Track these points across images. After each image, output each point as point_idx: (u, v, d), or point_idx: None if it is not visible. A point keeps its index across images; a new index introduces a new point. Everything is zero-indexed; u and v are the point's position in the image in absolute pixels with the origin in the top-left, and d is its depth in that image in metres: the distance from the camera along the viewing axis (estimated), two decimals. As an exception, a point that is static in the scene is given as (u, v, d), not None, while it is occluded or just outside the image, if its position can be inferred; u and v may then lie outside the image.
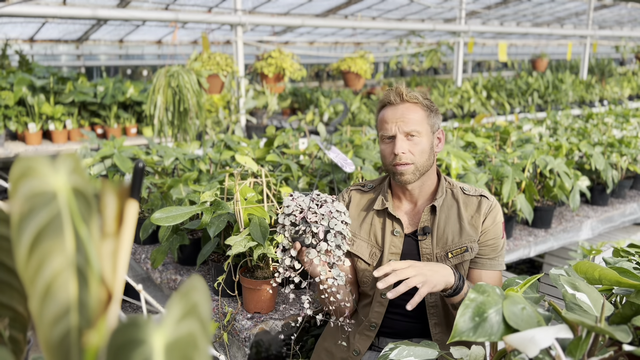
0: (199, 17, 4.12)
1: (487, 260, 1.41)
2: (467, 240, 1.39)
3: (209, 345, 0.33)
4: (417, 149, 1.37)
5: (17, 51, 5.19)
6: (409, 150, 1.36)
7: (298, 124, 4.68)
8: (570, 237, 2.62)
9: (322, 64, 11.01)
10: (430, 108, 1.41)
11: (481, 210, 1.41)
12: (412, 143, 1.37)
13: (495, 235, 1.41)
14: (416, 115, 1.37)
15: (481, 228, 1.40)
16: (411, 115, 1.37)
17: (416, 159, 1.37)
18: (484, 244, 1.41)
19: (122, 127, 4.58)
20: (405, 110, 1.37)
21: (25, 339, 0.44)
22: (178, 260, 1.97)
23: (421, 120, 1.38)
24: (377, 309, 1.43)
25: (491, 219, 1.41)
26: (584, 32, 7.31)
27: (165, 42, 8.53)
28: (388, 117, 1.39)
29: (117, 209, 0.35)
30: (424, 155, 1.38)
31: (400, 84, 1.42)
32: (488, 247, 1.41)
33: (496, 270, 1.42)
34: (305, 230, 1.22)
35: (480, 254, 1.41)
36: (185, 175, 2.14)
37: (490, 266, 1.41)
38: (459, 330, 0.68)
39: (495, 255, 1.42)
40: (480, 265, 1.41)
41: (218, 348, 1.59)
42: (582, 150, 2.94)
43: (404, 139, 1.37)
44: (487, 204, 1.42)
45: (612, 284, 0.81)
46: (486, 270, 1.41)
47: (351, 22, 5.42)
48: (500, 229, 1.43)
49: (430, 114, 1.40)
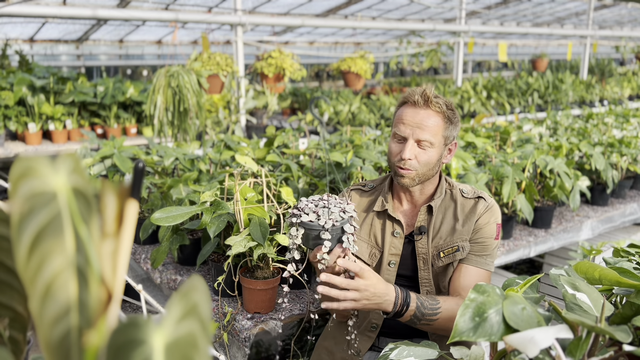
0: (199, 17, 4.12)
1: (474, 256, 1.39)
2: (459, 240, 1.38)
3: (209, 345, 0.33)
4: (423, 158, 1.35)
5: (17, 51, 5.19)
6: (415, 157, 1.35)
7: (298, 124, 4.68)
8: (571, 237, 2.62)
9: (322, 64, 11.01)
10: (451, 119, 1.38)
11: (476, 210, 1.40)
12: (421, 151, 1.35)
13: (487, 235, 1.39)
14: (434, 124, 1.35)
15: (474, 226, 1.39)
16: (429, 123, 1.34)
17: (420, 167, 1.36)
18: (474, 240, 1.39)
19: (122, 127, 4.58)
20: (425, 117, 1.34)
21: (25, 339, 0.44)
22: (178, 260, 1.97)
23: (437, 131, 1.35)
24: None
25: (486, 218, 1.40)
26: (584, 32, 7.31)
27: (165, 42, 8.53)
28: (406, 118, 1.36)
29: (117, 209, 0.35)
30: (429, 166, 1.37)
31: (429, 86, 1.37)
32: (477, 245, 1.39)
33: (482, 269, 1.39)
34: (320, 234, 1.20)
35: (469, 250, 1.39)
36: (185, 175, 2.14)
37: (476, 262, 1.39)
38: (459, 330, 0.68)
39: (484, 254, 1.39)
40: (467, 260, 1.39)
41: (218, 348, 1.59)
42: (582, 150, 2.94)
43: (414, 145, 1.35)
44: (484, 204, 1.41)
45: (612, 284, 0.81)
46: (471, 266, 1.38)
47: (351, 22, 5.42)
48: (494, 229, 1.40)
49: (449, 125, 1.37)
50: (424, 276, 1.41)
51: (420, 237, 1.41)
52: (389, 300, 1.20)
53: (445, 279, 1.41)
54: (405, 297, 1.22)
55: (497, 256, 2.27)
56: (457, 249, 1.38)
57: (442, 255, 1.39)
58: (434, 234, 1.41)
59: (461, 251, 1.38)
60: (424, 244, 1.40)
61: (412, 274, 1.42)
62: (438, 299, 1.27)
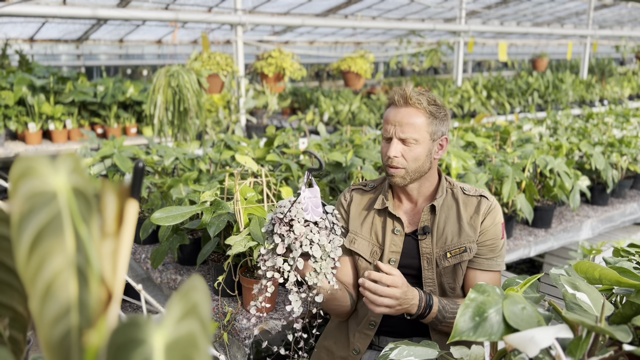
0: (199, 16, 4.12)
1: (485, 260, 1.40)
2: (466, 241, 1.39)
3: (209, 345, 0.33)
4: (410, 155, 1.36)
5: (17, 51, 5.19)
6: (402, 154, 1.36)
7: (298, 124, 4.68)
8: (571, 237, 2.62)
9: (322, 63, 11.00)
10: (435, 114, 1.38)
11: (480, 211, 1.40)
12: (406, 148, 1.37)
13: (494, 236, 1.40)
14: (416, 121, 1.36)
15: (480, 228, 1.40)
16: (411, 121, 1.35)
17: (408, 164, 1.37)
18: (483, 244, 1.40)
19: (122, 126, 4.58)
20: (406, 115, 1.36)
21: (25, 339, 0.44)
22: (178, 260, 1.97)
23: (421, 127, 1.36)
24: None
25: (490, 219, 1.40)
26: (584, 32, 7.30)
27: (165, 41, 8.53)
28: (389, 118, 1.39)
29: (117, 208, 0.35)
30: (417, 162, 1.37)
31: (408, 85, 1.40)
32: (486, 247, 1.40)
33: (494, 270, 1.41)
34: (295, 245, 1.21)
35: (478, 253, 1.40)
36: (185, 175, 2.14)
37: (488, 266, 1.41)
38: (459, 330, 0.68)
39: (494, 256, 1.41)
40: (478, 264, 1.40)
41: (218, 348, 1.59)
42: (582, 150, 2.94)
43: (399, 142, 1.37)
44: (487, 204, 1.41)
45: (612, 283, 0.81)
46: (483, 271, 1.41)
47: (351, 21, 5.42)
48: (500, 229, 1.42)
49: (433, 120, 1.38)
50: (427, 276, 1.41)
51: (424, 237, 1.41)
52: (414, 305, 1.27)
53: (451, 279, 1.41)
54: (428, 299, 1.29)
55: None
56: (464, 249, 1.38)
57: (449, 256, 1.39)
58: (439, 234, 1.41)
59: (468, 252, 1.38)
60: (428, 244, 1.40)
61: (416, 272, 1.42)
62: (459, 302, 1.32)
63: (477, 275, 1.41)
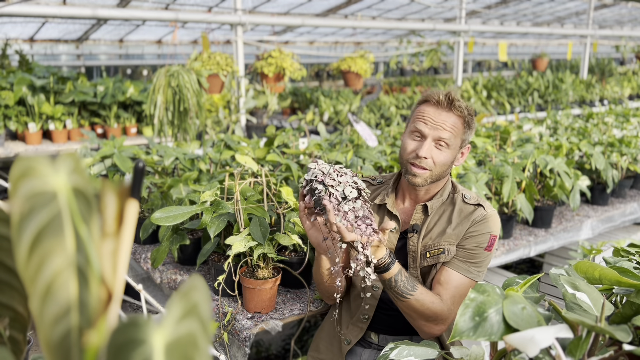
0: (199, 16, 4.12)
1: (457, 260, 1.36)
2: (446, 242, 1.37)
3: (209, 345, 0.33)
4: (439, 159, 1.35)
5: (17, 51, 5.19)
6: (432, 157, 1.35)
7: (298, 124, 4.68)
8: (571, 237, 2.62)
9: (322, 63, 11.00)
10: (469, 124, 1.39)
11: (472, 217, 1.39)
12: (437, 151, 1.35)
13: (478, 244, 1.36)
14: (455, 127, 1.35)
15: (464, 233, 1.37)
16: (450, 125, 1.35)
17: (435, 168, 1.36)
18: (461, 246, 1.37)
19: (122, 126, 4.58)
20: (448, 118, 1.35)
21: (25, 339, 0.44)
22: (178, 260, 1.97)
23: (457, 133, 1.36)
24: (369, 302, 1.46)
25: (479, 227, 1.37)
26: (584, 32, 7.30)
27: (165, 41, 8.53)
28: (427, 116, 1.35)
29: (117, 208, 0.35)
30: (443, 167, 1.37)
31: (454, 88, 1.41)
32: (464, 250, 1.36)
33: (464, 275, 1.35)
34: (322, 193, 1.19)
35: (456, 255, 1.37)
36: (185, 175, 2.14)
37: (457, 267, 1.35)
38: (459, 330, 0.68)
39: (469, 261, 1.36)
40: (449, 262, 1.36)
41: (218, 348, 1.59)
42: (583, 149, 2.94)
43: (432, 144, 1.35)
44: (481, 213, 1.39)
45: (612, 283, 0.81)
46: (452, 270, 1.35)
47: (351, 21, 5.42)
48: (486, 240, 1.37)
49: (466, 130, 1.39)
50: (412, 274, 1.41)
51: (412, 234, 1.41)
52: (382, 249, 1.23)
53: (428, 279, 1.41)
54: (393, 258, 1.26)
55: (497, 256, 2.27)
56: (442, 251, 1.37)
57: (428, 256, 1.38)
58: (426, 233, 1.41)
59: (445, 254, 1.36)
60: (415, 242, 1.41)
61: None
62: (417, 287, 1.28)
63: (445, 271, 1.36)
